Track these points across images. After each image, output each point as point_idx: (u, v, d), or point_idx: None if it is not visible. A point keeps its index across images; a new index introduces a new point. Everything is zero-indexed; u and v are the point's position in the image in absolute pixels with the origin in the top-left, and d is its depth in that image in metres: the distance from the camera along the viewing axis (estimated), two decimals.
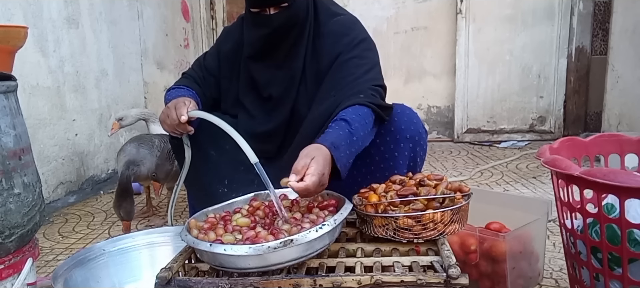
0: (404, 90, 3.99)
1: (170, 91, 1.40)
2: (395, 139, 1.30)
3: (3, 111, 0.98)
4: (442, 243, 0.96)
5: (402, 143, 1.30)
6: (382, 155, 1.32)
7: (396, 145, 1.30)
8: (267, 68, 1.38)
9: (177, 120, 1.20)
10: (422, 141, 1.34)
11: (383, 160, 1.32)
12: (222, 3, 4.15)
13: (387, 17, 3.91)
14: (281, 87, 1.38)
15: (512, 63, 3.77)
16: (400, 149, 1.30)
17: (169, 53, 3.64)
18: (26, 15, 2.21)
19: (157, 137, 2.01)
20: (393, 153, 1.31)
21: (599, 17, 3.60)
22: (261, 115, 1.41)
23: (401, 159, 1.31)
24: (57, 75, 2.43)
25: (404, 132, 1.30)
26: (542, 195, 2.30)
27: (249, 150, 1.02)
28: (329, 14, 1.39)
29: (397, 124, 1.30)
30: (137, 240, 1.33)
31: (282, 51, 1.36)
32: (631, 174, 0.96)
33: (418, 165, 1.35)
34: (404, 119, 1.31)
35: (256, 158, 1.02)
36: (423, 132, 1.34)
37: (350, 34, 1.35)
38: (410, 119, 1.31)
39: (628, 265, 0.98)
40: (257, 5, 1.30)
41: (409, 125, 1.30)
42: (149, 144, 1.92)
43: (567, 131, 3.72)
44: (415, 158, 1.33)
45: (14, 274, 1.02)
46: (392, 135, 1.30)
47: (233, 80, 1.44)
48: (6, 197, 0.97)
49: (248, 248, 0.84)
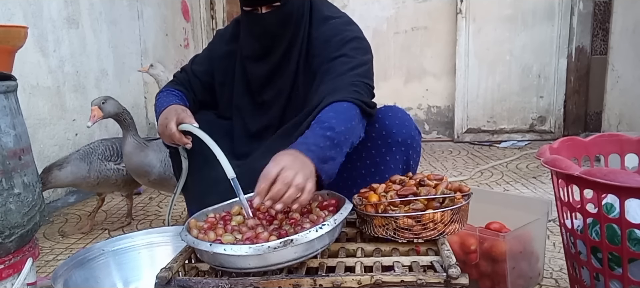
0: (404, 90, 3.99)
1: (160, 94, 1.39)
2: (386, 143, 1.27)
3: (3, 111, 0.98)
4: (442, 243, 0.96)
5: (394, 147, 1.27)
6: (374, 160, 1.29)
7: (387, 149, 1.28)
8: (262, 70, 1.37)
9: (174, 133, 1.20)
10: (415, 144, 1.30)
11: (374, 164, 1.30)
12: (222, 3, 4.15)
13: (387, 17, 3.91)
14: (274, 91, 1.37)
15: (512, 63, 3.77)
16: (392, 153, 1.28)
17: (169, 53, 3.64)
18: (26, 15, 2.21)
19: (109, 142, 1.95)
20: (384, 158, 1.28)
21: (599, 17, 3.60)
22: (255, 119, 1.40)
23: (393, 163, 1.28)
24: (57, 75, 2.43)
25: (395, 136, 1.27)
26: (542, 195, 2.30)
27: (227, 166, 1.03)
28: (322, 17, 1.36)
29: (388, 127, 1.27)
30: (137, 240, 1.33)
31: (276, 52, 1.34)
32: (631, 174, 0.96)
33: (412, 169, 1.32)
34: (395, 122, 1.28)
35: (233, 174, 1.03)
36: (416, 135, 1.31)
37: (341, 35, 1.33)
38: (402, 122, 1.28)
39: (628, 265, 0.98)
40: (249, 4, 1.30)
41: (400, 128, 1.27)
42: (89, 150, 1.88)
43: (567, 131, 3.72)
44: (409, 161, 1.31)
45: (14, 274, 1.02)
46: (383, 139, 1.27)
47: (227, 83, 1.43)
48: (6, 197, 0.97)
49: (248, 248, 0.84)
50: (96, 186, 1.90)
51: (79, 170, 1.83)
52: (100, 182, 1.88)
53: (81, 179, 1.84)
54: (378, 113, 1.28)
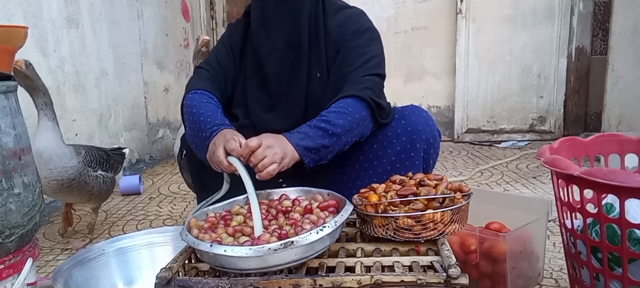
0: (404, 90, 3.99)
1: (194, 96, 1.31)
2: (411, 139, 1.30)
3: (3, 111, 0.98)
4: (442, 243, 0.96)
5: (418, 143, 1.30)
6: (399, 155, 1.32)
7: (412, 145, 1.31)
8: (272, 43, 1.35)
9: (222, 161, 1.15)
10: (436, 144, 1.35)
11: (399, 159, 1.32)
12: (222, 3, 4.15)
13: (387, 17, 3.91)
14: (286, 65, 1.35)
15: (512, 63, 3.77)
16: (416, 149, 1.31)
17: (169, 53, 3.65)
18: (26, 15, 2.21)
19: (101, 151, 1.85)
20: (409, 153, 1.31)
21: (599, 17, 3.60)
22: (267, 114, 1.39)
23: (417, 160, 1.32)
24: (57, 75, 2.43)
25: (420, 133, 1.30)
26: (542, 195, 2.30)
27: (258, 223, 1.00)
28: (335, 7, 1.39)
29: (414, 124, 1.31)
30: (137, 240, 1.33)
31: (284, 21, 1.33)
32: (631, 174, 0.96)
33: (430, 167, 1.36)
34: (421, 120, 1.32)
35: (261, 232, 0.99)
36: (438, 135, 1.36)
37: (355, 25, 1.35)
38: (426, 121, 1.32)
39: (628, 265, 0.98)
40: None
41: (425, 127, 1.31)
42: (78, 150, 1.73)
43: (567, 131, 3.72)
44: (429, 160, 1.34)
45: (14, 274, 1.02)
46: (408, 135, 1.30)
47: (242, 74, 1.43)
48: (6, 197, 0.97)
49: (248, 249, 0.84)
50: (67, 189, 1.69)
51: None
52: (74, 185, 1.69)
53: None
54: (404, 110, 1.34)
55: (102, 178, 1.80)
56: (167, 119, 3.66)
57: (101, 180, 1.79)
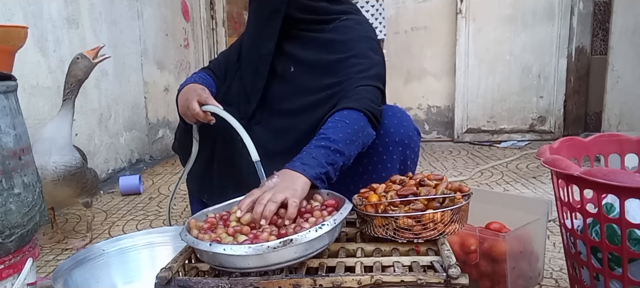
0: (404, 90, 3.99)
1: (187, 79, 1.40)
2: (384, 143, 1.28)
3: (3, 111, 0.98)
4: (442, 243, 0.96)
5: (391, 146, 1.28)
6: (371, 159, 1.30)
7: (385, 149, 1.28)
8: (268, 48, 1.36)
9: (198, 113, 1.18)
10: (413, 144, 1.31)
11: (372, 163, 1.30)
12: (222, 3, 4.15)
13: (387, 17, 3.91)
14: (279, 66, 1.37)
15: (512, 63, 3.77)
16: (389, 153, 1.28)
17: (169, 53, 3.64)
18: (26, 15, 2.21)
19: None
20: (382, 157, 1.29)
21: (599, 17, 3.60)
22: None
23: (390, 163, 1.29)
24: (57, 75, 2.43)
25: (393, 135, 1.27)
26: (542, 195, 2.30)
27: (252, 148, 1.03)
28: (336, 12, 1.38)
29: (386, 127, 1.28)
30: (137, 240, 1.33)
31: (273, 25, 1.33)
32: (631, 174, 0.96)
33: (409, 168, 1.33)
34: (393, 121, 1.29)
35: (257, 157, 1.02)
36: (414, 135, 1.31)
37: (351, 34, 1.34)
38: (400, 122, 1.29)
39: (628, 265, 0.98)
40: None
41: (398, 128, 1.28)
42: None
43: (567, 131, 3.72)
44: (406, 161, 1.31)
45: (14, 274, 1.02)
46: (381, 138, 1.28)
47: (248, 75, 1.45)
48: (6, 197, 0.97)
49: (248, 248, 0.84)
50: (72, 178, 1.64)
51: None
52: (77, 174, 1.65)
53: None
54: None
55: (92, 170, 1.82)
56: (167, 119, 3.66)
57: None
